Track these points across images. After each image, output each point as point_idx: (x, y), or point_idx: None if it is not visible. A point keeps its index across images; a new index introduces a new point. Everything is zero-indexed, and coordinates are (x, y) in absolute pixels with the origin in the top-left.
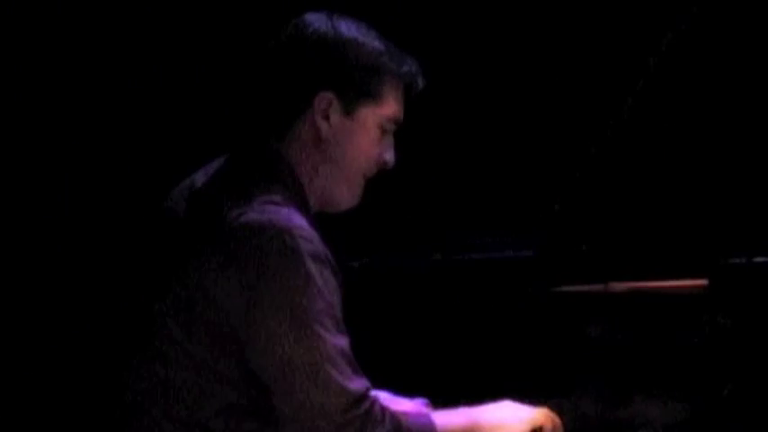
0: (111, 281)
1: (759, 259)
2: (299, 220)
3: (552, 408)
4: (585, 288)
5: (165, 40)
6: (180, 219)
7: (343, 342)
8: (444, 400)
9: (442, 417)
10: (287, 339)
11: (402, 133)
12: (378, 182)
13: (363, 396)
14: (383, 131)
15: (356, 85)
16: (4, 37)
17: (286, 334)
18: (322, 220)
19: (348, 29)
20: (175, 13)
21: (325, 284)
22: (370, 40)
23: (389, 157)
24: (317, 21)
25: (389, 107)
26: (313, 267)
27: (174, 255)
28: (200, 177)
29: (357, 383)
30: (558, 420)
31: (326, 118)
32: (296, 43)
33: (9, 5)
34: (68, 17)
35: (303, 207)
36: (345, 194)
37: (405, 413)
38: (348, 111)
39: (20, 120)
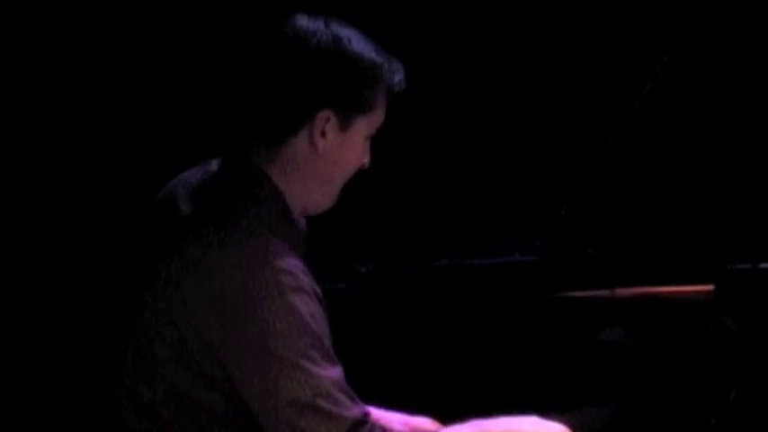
0: (101, 290)
1: (765, 265)
2: (280, 252)
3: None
4: (591, 293)
5: (162, 45)
6: (161, 240)
7: (335, 373)
8: (451, 406)
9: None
10: (277, 379)
11: (409, 138)
12: (384, 187)
13: (361, 421)
14: (365, 139)
15: (354, 100)
16: (4, 37)
17: (276, 374)
18: (328, 228)
19: (348, 40)
20: (176, 17)
21: (310, 316)
22: (368, 52)
23: (367, 159)
24: (317, 31)
25: (378, 117)
26: (297, 301)
27: (153, 282)
28: (181, 193)
29: (354, 411)
30: None
31: (324, 135)
32: (299, 58)
33: (9, 5)
34: (68, 17)
35: (288, 228)
36: (324, 200)
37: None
38: (343, 125)
39: (20, 120)
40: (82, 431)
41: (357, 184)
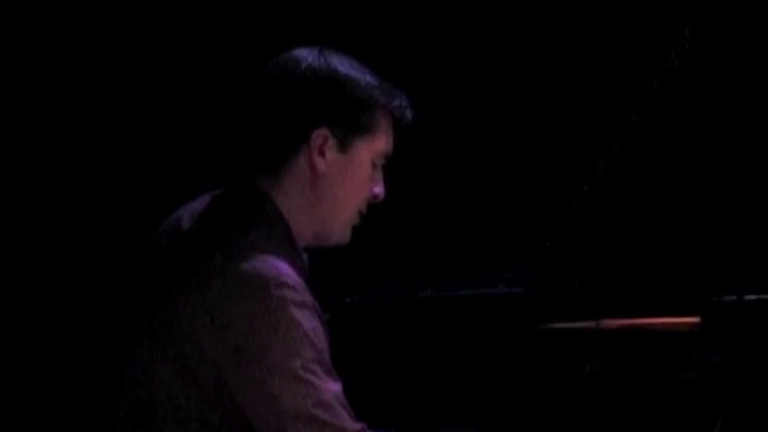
0: (97, 304)
1: (751, 297)
2: (284, 268)
3: None
4: (577, 325)
5: (166, 53)
6: (165, 260)
7: (335, 387)
8: None
9: None
10: (280, 391)
11: (394, 167)
12: (369, 216)
13: None
14: (374, 166)
15: (351, 121)
16: (4, 37)
17: (278, 386)
18: (314, 257)
19: (340, 64)
20: (179, 30)
21: (313, 332)
22: (362, 75)
23: (380, 190)
24: (309, 56)
25: (382, 142)
26: (300, 316)
27: (157, 299)
28: (185, 216)
29: (352, 424)
30: None
31: (322, 155)
32: (290, 80)
33: (9, 5)
34: (68, 17)
35: (290, 251)
36: (338, 230)
37: None
38: (343, 147)
39: (20, 120)
40: None
41: None
